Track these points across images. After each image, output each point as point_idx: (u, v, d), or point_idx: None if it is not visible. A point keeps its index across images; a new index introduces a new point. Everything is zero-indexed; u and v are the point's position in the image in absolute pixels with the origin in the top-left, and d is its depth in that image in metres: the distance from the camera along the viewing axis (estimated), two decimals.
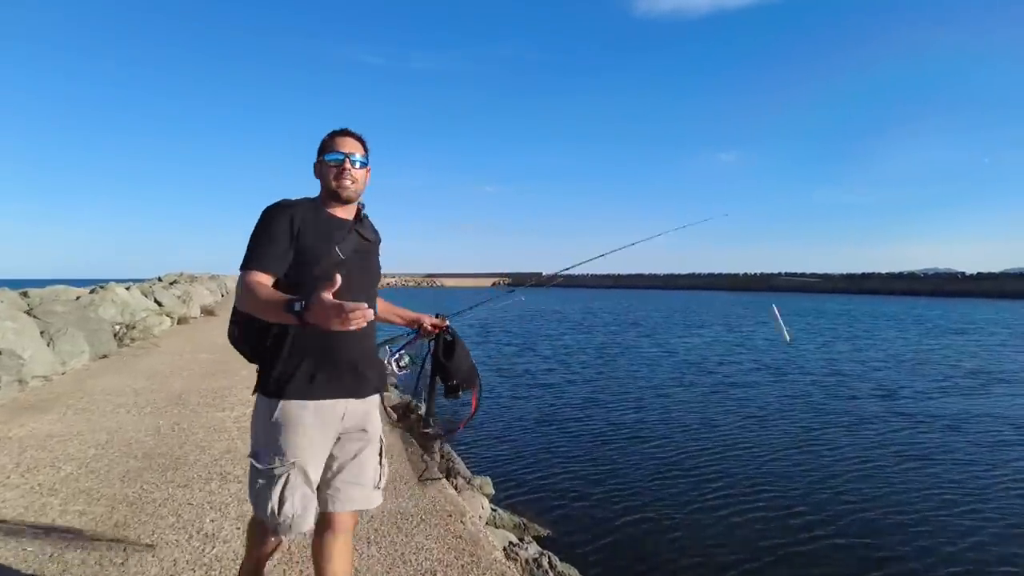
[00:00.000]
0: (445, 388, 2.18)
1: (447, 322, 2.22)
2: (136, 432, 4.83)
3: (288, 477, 1.68)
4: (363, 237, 1.85)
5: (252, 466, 1.74)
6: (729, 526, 4.84)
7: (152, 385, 6.85)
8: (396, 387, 10.02)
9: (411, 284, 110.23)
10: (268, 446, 1.71)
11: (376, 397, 1.92)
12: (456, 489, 4.92)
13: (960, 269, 68.26)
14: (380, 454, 1.90)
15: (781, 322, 3.63)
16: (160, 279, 22.26)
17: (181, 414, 5.49)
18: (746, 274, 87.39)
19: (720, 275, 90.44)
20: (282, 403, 1.71)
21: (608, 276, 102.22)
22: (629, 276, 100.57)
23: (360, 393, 1.83)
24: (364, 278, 1.86)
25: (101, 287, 13.08)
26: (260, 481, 1.71)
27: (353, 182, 1.81)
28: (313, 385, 1.73)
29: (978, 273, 63.92)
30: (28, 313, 8.52)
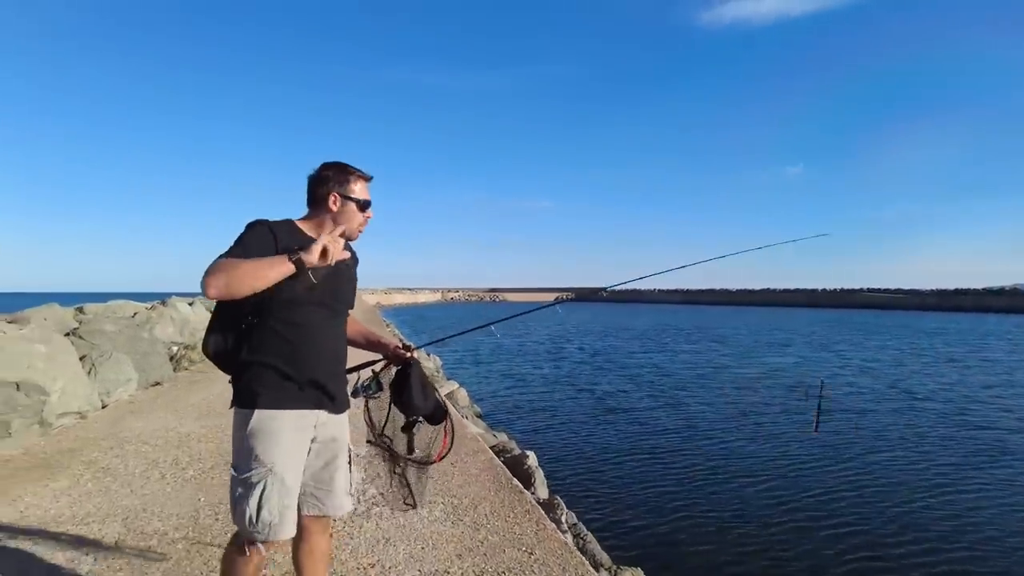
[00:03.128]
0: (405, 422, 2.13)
1: (411, 353, 2.13)
2: (164, 519, 3.32)
3: (265, 484, 1.70)
4: (346, 264, 1.86)
5: (232, 476, 1.75)
6: None
7: (202, 428, 5.44)
8: (480, 418, 8.74)
9: (474, 299, 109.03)
10: (245, 455, 1.72)
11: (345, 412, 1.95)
12: None
13: None
14: (349, 461, 1.96)
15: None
16: None
17: None
18: (824, 289, 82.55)
19: (797, 291, 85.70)
20: (256, 412, 1.72)
21: (676, 291, 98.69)
22: (699, 292, 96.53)
23: (330, 408, 1.87)
24: (337, 300, 1.88)
25: (162, 303, 12.09)
26: (239, 490, 1.72)
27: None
28: (285, 396, 1.75)
29: None
30: (71, 334, 7.39)
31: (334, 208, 1.84)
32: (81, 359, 6.63)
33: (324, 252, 1.62)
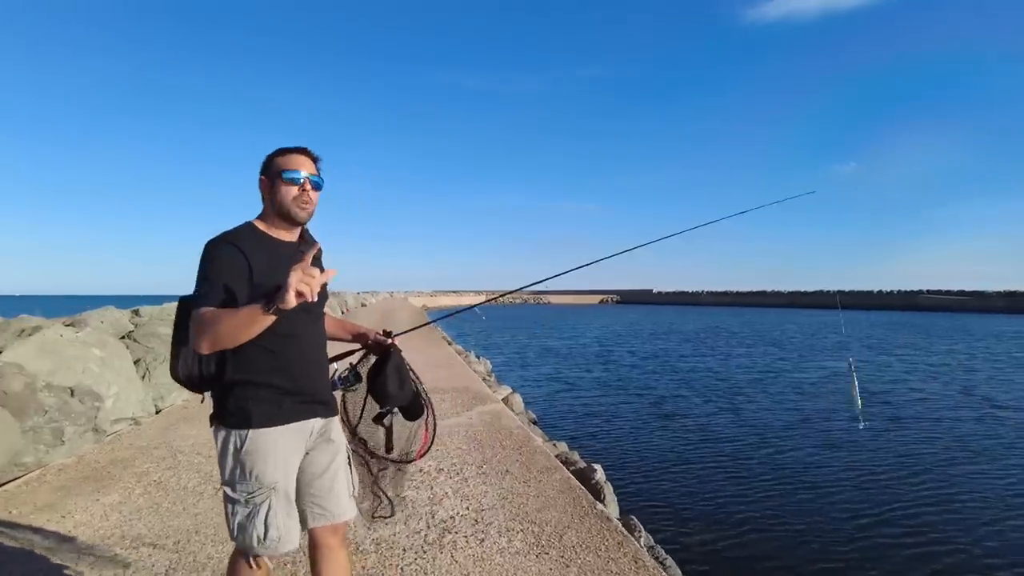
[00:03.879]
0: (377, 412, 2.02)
1: (391, 339, 2.04)
2: (217, 544, 3.02)
3: (270, 504, 1.65)
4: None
5: (228, 496, 1.68)
6: None
7: None
8: (535, 424, 8.35)
9: (518, 301, 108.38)
10: (243, 476, 1.65)
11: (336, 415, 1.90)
12: None
13: None
14: (348, 463, 1.89)
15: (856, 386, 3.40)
16: None
17: None
18: (881, 291, 79.04)
19: (852, 292, 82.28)
20: (251, 433, 1.65)
21: (726, 293, 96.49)
22: (750, 293, 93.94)
23: (323, 413, 1.82)
24: (316, 303, 1.67)
25: None
26: (240, 511, 1.66)
27: (309, 204, 1.74)
28: (279, 411, 1.69)
29: None
30: (127, 337, 7.32)
31: (266, 193, 1.76)
32: (136, 363, 6.52)
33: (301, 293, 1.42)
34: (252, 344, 1.59)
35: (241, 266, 1.61)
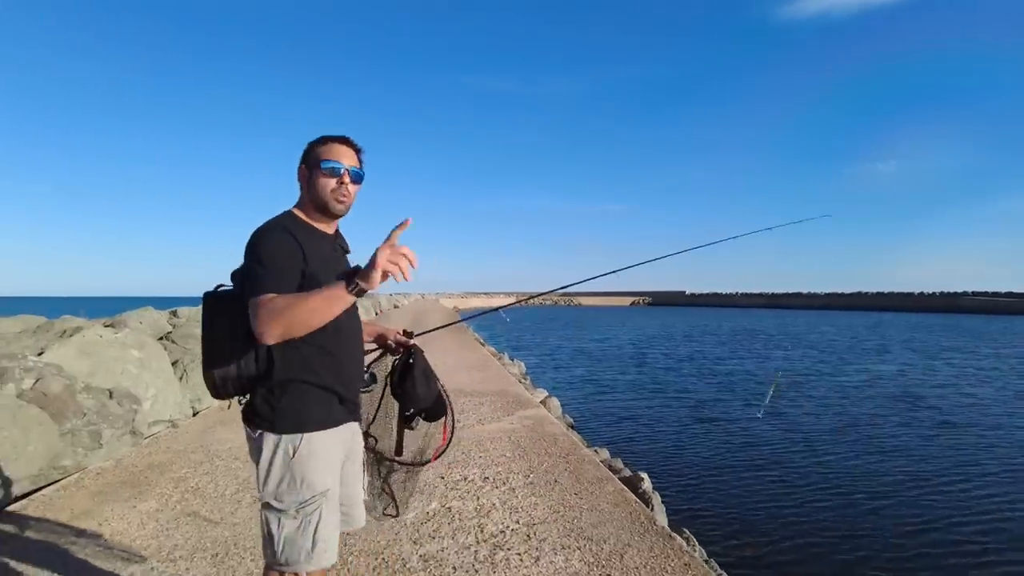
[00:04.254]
0: (401, 415, 1.94)
1: (411, 340, 1.97)
2: (257, 558, 2.84)
3: (321, 513, 1.55)
4: (344, 251, 1.74)
5: (273, 508, 1.54)
6: None
7: None
8: (573, 429, 8.06)
9: (548, 303, 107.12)
10: (293, 485, 1.53)
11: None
12: None
13: None
14: (364, 467, 1.85)
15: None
16: None
17: None
18: (922, 293, 76.52)
19: (891, 294, 79.91)
20: (305, 437, 1.55)
21: (760, 295, 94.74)
22: (785, 295, 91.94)
23: (358, 416, 1.76)
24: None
25: None
26: (289, 524, 1.53)
27: (347, 197, 1.65)
28: (331, 412, 1.61)
29: None
30: (165, 338, 7.30)
31: (304, 182, 1.67)
32: (174, 364, 6.47)
33: (398, 260, 1.34)
34: (306, 342, 1.50)
35: (295, 252, 1.53)
